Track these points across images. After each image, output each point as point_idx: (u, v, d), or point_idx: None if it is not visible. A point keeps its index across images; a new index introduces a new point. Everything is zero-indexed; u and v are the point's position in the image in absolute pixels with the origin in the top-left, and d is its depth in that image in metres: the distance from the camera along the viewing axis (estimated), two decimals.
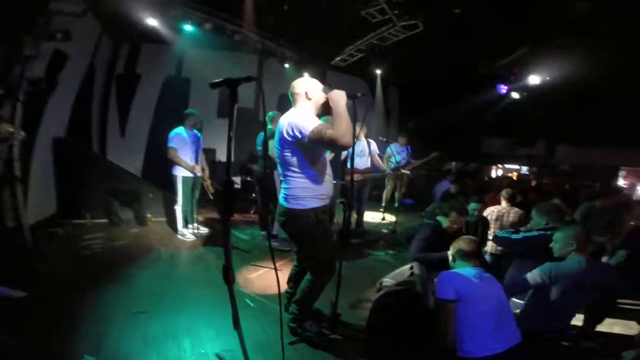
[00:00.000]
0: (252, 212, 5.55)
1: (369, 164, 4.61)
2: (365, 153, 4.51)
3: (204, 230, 4.43)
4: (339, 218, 4.68)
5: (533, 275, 1.93)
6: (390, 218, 5.82)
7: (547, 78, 6.17)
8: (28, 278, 2.63)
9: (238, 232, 4.57)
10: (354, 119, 1.89)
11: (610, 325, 2.28)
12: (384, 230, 5.26)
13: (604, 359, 2.12)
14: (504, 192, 3.87)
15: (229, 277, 1.41)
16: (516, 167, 9.48)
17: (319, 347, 2.13)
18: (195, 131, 4.18)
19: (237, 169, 6.64)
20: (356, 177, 4.32)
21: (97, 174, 4.54)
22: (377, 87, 8.49)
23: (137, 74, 6.09)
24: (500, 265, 3.11)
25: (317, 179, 2.03)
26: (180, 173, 4.00)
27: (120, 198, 4.63)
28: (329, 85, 7.70)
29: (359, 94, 2.03)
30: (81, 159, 4.53)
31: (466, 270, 1.85)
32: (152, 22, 4.71)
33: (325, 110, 2.03)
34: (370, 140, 4.71)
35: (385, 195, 6.24)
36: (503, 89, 7.02)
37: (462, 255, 1.93)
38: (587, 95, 6.11)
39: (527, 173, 8.90)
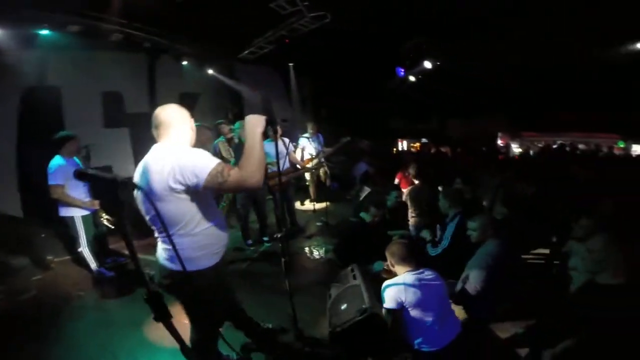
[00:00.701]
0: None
1: (288, 164, 4.65)
2: (283, 155, 4.49)
3: (121, 259, 3.98)
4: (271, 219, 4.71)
5: (472, 279, 2.30)
6: (320, 206, 5.95)
7: (438, 63, 7.30)
8: None
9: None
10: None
11: None
12: (318, 224, 5.36)
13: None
14: (411, 170, 4.52)
15: (158, 309, 1.19)
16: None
17: None
18: (76, 159, 3.46)
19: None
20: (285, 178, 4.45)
21: None
22: (291, 79, 8.52)
23: None
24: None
25: (214, 231, 1.63)
26: (75, 213, 3.35)
27: (8, 244, 3.87)
28: (237, 80, 7.50)
29: (279, 120, 1.99)
30: None
31: (407, 277, 2.00)
32: None
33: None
34: (285, 139, 4.83)
35: (310, 188, 6.21)
36: (401, 71, 7.98)
37: (399, 260, 2.08)
38: (468, 76, 7.58)
39: (427, 141, 10.51)
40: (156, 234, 1.67)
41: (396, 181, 5.43)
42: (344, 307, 2.56)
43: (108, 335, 2.62)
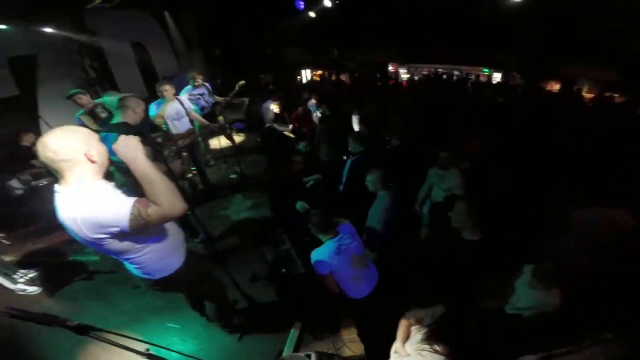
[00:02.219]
0: None
1: (189, 125, 4.32)
2: (182, 114, 4.20)
3: (32, 270, 3.44)
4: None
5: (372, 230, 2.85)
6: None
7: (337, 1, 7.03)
8: None
9: (80, 255, 3.70)
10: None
11: None
12: (232, 176, 5.15)
13: None
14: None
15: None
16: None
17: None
18: None
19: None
20: (183, 142, 4.13)
21: None
22: (169, 25, 6.98)
23: None
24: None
25: (166, 240, 1.63)
26: None
27: None
28: (90, 32, 5.80)
29: (148, 137, 1.68)
30: None
31: (329, 245, 2.28)
32: None
33: None
34: (181, 98, 4.28)
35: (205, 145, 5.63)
36: (301, 4, 7.46)
37: (319, 231, 2.33)
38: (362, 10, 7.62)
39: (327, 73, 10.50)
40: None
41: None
42: (283, 270, 3.04)
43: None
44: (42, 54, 5.27)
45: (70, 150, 1.28)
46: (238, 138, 6.55)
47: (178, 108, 4.18)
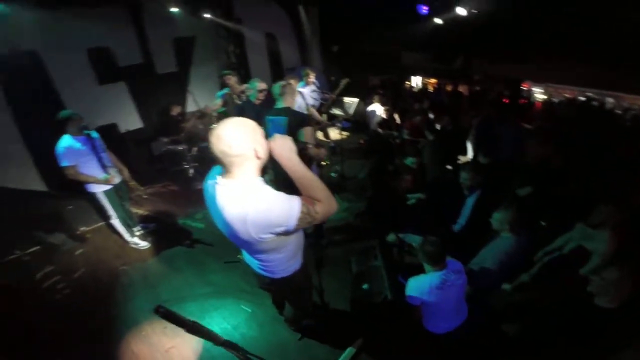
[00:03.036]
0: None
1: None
2: (302, 108, 4.46)
3: (151, 225, 4.19)
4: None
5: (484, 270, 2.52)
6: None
7: (473, 11, 6.45)
8: None
9: (190, 220, 4.33)
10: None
11: None
12: (332, 174, 5.16)
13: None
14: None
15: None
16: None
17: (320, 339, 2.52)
18: (87, 132, 3.17)
19: (151, 133, 5.92)
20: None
21: None
22: (302, 20, 7.56)
23: None
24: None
25: (298, 241, 1.67)
26: (97, 189, 3.38)
27: (39, 222, 4.02)
28: (237, 19, 6.63)
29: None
30: None
31: (433, 278, 2.12)
32: None
33: None
34: (303, 91, 4.56)
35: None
36: (424, 9, 7.02)
37: (429, 260, 2.16)
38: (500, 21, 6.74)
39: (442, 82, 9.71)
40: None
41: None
42: (365, 286, 2.94)
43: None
44: (198, 36, 6.19)
45: (243, 145, 1.27)
46: (340, 136, 6.56)
47: (300, 102, 4.39)
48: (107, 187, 3.43)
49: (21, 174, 4.49)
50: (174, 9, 5.41)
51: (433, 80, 9.32)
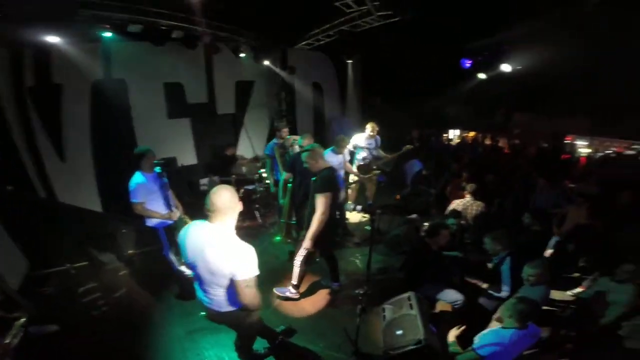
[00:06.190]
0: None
1: (342, 175, 4.75)
2: (341, 166, 4.65)
3: None
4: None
5: None
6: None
7: (519, 67, 6.67)
8: None
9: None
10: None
11: None
12: (367, 227, 5.15)
13: None
14: (468, 187, 4.41)
15: None
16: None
17: None
18: (157, 170, 3.41)
19: (201, 170, 6.33)
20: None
21: (53, 219, 4.20)
22: (348, 74, 8.26)
23: (56, 84, 4.98)
24: None
25: None
26: (159, 225, 3.55)
27: (93, 240, 4.29)
28: (290, 66, 7.29)
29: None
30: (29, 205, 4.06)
31: (512, 334, 2.17)
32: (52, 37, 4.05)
33: None
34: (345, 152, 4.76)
35: (352, 193, 5.65)
36: (467, 63, 7.29)
37: (518, 317, 2.19)
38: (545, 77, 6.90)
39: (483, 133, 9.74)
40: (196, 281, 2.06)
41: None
42: (399, 332, 2.82)
43: (193, 341, 3.03)
44: (256, 82, 6.81)
45: (233, 202, 1.90)
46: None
47: (340, 159, 4.55)
48: (168, 223, 3.56)
49: (86, 196, 4.92)
50: (242, 55, 6.05)
51: (472, 134, 9.34)
